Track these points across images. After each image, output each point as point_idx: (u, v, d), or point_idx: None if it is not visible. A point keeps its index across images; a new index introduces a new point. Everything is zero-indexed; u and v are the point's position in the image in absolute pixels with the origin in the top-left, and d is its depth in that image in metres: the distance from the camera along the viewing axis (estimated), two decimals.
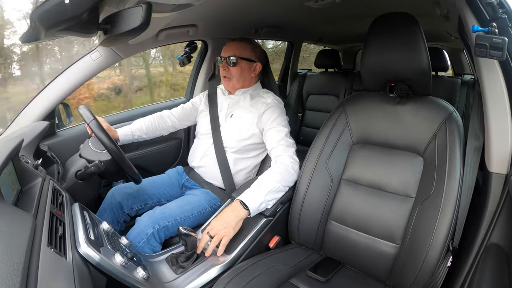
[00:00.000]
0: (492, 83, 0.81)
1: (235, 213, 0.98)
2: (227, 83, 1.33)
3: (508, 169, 0.81)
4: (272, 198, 1.04)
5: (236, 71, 1.28)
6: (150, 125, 1.40)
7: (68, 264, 0.62)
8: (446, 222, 0.82)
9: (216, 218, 0.99)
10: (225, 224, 0.96)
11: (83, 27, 0.65)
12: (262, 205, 1.01)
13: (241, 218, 0.98)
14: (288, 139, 1.19)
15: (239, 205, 0.99)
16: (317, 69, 2.86)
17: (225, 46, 1.31)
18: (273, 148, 1.17)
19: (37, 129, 1.14)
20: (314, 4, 1.25)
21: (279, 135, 1.18)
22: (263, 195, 1.01)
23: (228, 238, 0.96)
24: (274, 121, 1.22)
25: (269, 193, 1.02)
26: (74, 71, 1.26)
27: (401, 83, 0.97)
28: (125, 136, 1.34)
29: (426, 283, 0.83)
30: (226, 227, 0.96)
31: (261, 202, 1.00)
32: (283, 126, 1.21)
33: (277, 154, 1.15)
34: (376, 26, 0.96)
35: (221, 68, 1.30)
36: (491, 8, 0.73)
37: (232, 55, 1.26)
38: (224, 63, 1.28)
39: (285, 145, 1.16)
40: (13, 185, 0.77)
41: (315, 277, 0.95)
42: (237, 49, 1.27)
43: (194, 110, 1.47)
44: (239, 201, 0.99)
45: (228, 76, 1.29)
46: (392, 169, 0.98)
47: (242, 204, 0.99)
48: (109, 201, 1.25)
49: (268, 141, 1.21)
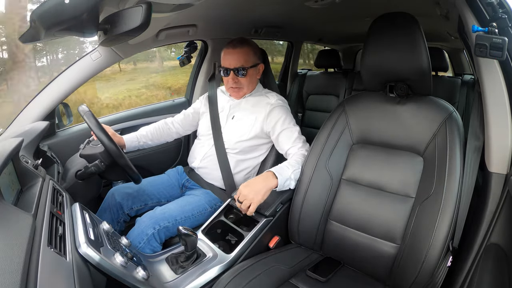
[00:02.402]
0: (492, 83, 0.81)
1: (266, 181, 1.01)
2: (237, 93, 1.31)
3: (508, 169, 0.81)
4: (295, 178, 1.08)
5: (246, 80, 1.27)
6: (155, 132, 1.40)
7: (68, 264, 0.62)
8: (446, 222, 0.82)
9: (245, 184, 1.01)
10: (255, 191, 0.98)
11: (83, 27, 0.65)
12: (287, 181, 1.06)
13: (270, 188, 1.01)
14: (301, 136, 1.23)
15: (271, 175, 1.03)
16: (317, 69, 2.86)
17: (226, 55, 1.25)
18: (290, 148, 1.20)
19: (37, 129, 1.14)
20: (314, 4, 1.25)
21: (294, 135, 1.21)
22: (290, 172, 1.07)
23: (255, 205, 0.98)
24: (284, 122, 1.22)
25: (295, 172, 1.08)
26: (74, 71, 1.26)
27: (401, 83, 0.97)
28: (131, 142, 1.33)
29: (426, 283, 0.83)
30: (256, 194, 0.98)
31: (287, 178, 1.05)
32: (294, 125, 1.24)
33: (294, 152, 1.18)
34: (376, 26, 0.96)
35: (228, 80, 1.27)
36: (491, 8, 0.73)
37: (240, 66, 1.23)
38: (232, 75, 1.25)
39: (301, 142, 1.21)
40: (13, 185, 0.77)
41: (315, 277, 0.95)
42: (241, 58, 1.23)
43: (196, 116, 1.46)
44: (272, 172, 1.03)
45: (239, 86, 1.27)
46: (392, 169, 0.98)
47: (273, 174, 1.03)
48: (109, 201, 1.25)
49: (283, 142, 1.22)
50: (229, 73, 1.25)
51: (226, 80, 1.29)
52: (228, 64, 1.25)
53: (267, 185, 1.01)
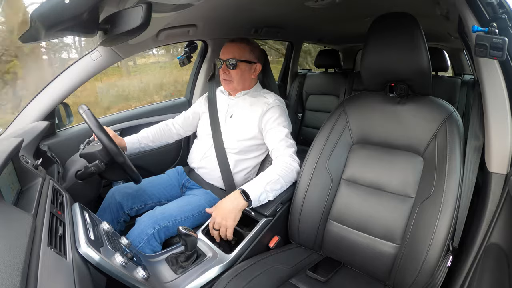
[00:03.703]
0: (492, 83, 0.81)
1: (235, 203, 0.98)
2: (227, 85, 1.32)
3: (508, 169, 0.81)
4: (272, 189, 1.04)
5: (236, 73, 1.27)
6: (156, 134, 1.41)
7: (68, 264, 0.62)
8: (446, 222, 0.82)
9: (216, 211, 0.99)
10: (224, 216, 0.96)
11: (83, 27, 0.65)
12: (262, 195, 1.01)
13: (240, 209, 0.98)
14: (288, 139, 1.19)
15: (239, 195, 0.99)
16: (317, 69, 2.86)
17: (224, 48, 1.29)
18: (274, 148, 1.18)
19: (37, 129, 1.14)
20: (314, 4, 1.25)
21: (280, 136, 1.18)
22: (263, 185, 1.02)
23: (231, 230, 0.96)
24: (275, 121, 1.22)
25: (269, 183, 1.03)
26: (74, 71, 1.26)
27: (401, 83, 0.97)
28: (132, 144, 1.34)
29: (426, 283, 0.83)
30: (226, 219, 0.95)
31: (261, 192, 1.01)
32: (284, 127, 1.21)
33: (277, 154, 1.16)
34: (376, 26, 0.96)
35: (220, 71, 1.29)
36: (491, 8, 0.73)
37: (231, 57, 1.25)
38: (223, 66, 1.27)
39: (286, 145, 1.17)
40: (13, 185, 0.77)
41: (315, 277, 0.95)
42: (236, 51, 1.25)
43: (195, 116, 1.46)
44: (240, 190, 1.00)
45: (228, 78, 1.28)
46: (392, 169, 0.98)
47: (242, 194, 0.99)
48: (109, 201, 1.25)
49: (269, 141, 1.21)
50: (222, 64, 1.27)
51: (220, 72, 1.30)
52: (222, 56, 1.28)
53: (236, 206, 0.98)
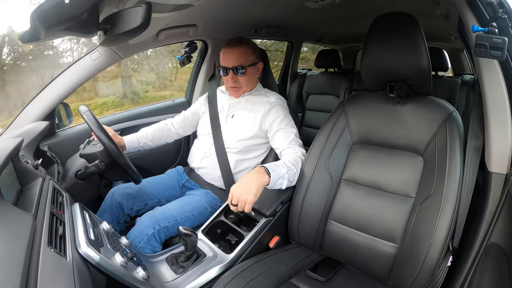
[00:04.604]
0: (492, 83, 0.81)
1: (258, 177, 0.94)
2: (236, 93, 1.31)
3: (508, 169, 0.81)
4: (289, 179, 1.03)
5: (245, 79, 1.26)
6: (156, 133, 1.40)
7: (68, 264, 0.62)
8: (446, 222, 0.82)
9: (236, 185, 0.95)
10: (246, 191, 0.91)
11: (83, 27, 0.65)
12: (279, 180, 1.00)
13: (262, 184, 0.94)
14: (298, 139, 1.20)
15: (264, 171, 0.97)
16: (317, 69, 2.86)
17: (224, 55, 1.25)
18: (284, 149, 1.18)
19: (37, 129, 1.14)
20: (314, 4, 1.25)
21: (290, 137, 1.19)
22: (284, 171, 1.02)
23: (250, 205, 0.91)
24: (282, 122, 1.22)
25: (289, 171, 1.03)
26: (74, 71, 1.26)
27: (401, 83, 0.97)
28: (131, 143, 1.33)
29: (426, 283, 0.83)
30: (247, 194, 0.91)
31: (280, 176, 1.00)
32: (292, 127, 1.22)
33: (290, 152, 1.16)
34: (376, 26, 0.96)
35: (227, 79, 1.27)
36: (491, 8, 0.73)
37: (239, 65, 1.23)
38: (231, 74, 1.25)
39: (297, 145, 1.18)
40: (13, 185, 0.77)
41: (315, 277, 0.95)
42: (241, 57, 1.23)
43: (195, 116, 1.46)
44: (264, 167, 0.98)
45: (238, 85, 1.27)
46: (392, 169, 0.98)
47: (266, 170, 0.97)
48: (109, 201, 1.25)
49: (278, 143, 1.21)
50: (228, 72, 1.25)
51: (225, 79, 1.29)
52: (227, 64, 1.25)
53: (259, 181, 0.94)
